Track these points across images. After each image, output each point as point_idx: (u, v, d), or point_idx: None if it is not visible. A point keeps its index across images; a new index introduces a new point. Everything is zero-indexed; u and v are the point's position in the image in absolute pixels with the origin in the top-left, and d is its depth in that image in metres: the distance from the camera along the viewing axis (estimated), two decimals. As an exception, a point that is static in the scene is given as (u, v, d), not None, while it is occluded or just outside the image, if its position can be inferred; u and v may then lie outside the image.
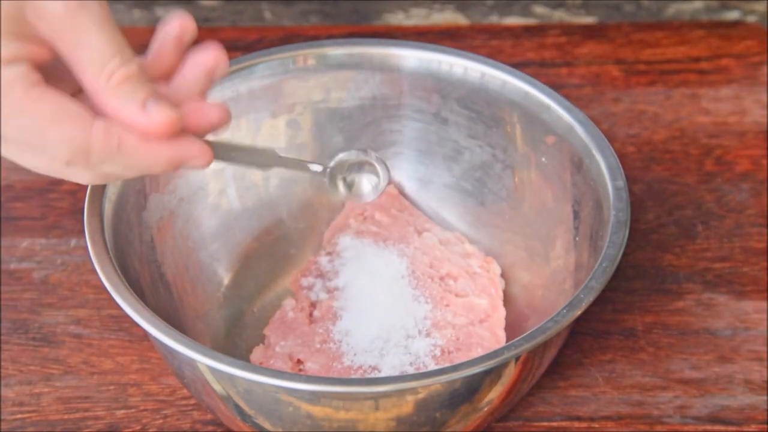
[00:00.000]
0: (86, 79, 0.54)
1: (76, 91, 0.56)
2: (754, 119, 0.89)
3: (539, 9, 0.99)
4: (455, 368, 0.59)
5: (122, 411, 0.72)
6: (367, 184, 0.67)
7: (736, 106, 0.90)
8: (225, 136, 0.74)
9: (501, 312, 0.72)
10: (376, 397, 0.60)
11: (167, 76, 0.58)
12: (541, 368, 0.67)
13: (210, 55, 0.58)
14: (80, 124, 0.54)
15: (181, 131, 0.56)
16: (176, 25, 0.58)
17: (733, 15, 1.00)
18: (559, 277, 0.73)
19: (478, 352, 0.69)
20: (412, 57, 0.76)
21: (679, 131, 0.89)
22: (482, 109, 0.76)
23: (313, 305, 0.73)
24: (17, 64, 0.53)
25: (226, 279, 0.76)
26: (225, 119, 0.58)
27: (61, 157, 0.54)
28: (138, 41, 0.96)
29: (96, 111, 0.55)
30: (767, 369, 0.73)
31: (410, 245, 0.75)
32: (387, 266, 0.73)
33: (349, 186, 0.66)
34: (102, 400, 0.72)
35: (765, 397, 0.72)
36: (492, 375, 0.61)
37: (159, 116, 0.54)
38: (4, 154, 0.55)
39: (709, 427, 0.71)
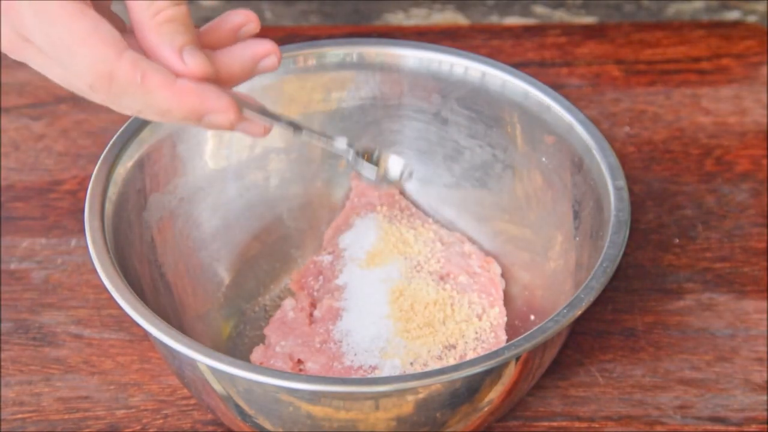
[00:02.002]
0: (134, 9, 0.54)
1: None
2: (754, 119, 0.89)
3: (539, 9, 0.99)
4: (455, 368, 0.59)
5: (122, 411, 0.72)
6: (396, 165, 0.65)
7: (736, 106, 0.90)
8: (225, 133, 0.74)
9: (501, 312, 0.72)
10: (376, 397, 0.60)
11: (213, 48, 0.58)
12: (541, 368, 0.67)
13: (265, 44, 0.58)
14: (110, 49, 0.53)
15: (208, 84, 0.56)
16: (242, 13, 0.58)
17: (733, 15, 1.00)
18: (559, 277, 0.73)
19: (479, 353, 0.69)
20: (412, 57, 0.76)
21: (679, 131, 0.89)
22: (482, 109, 0.76)
23: (313, 305, 0.73)
24: None
25: (226, 279, 0.76)
26: (273, 55, 0.58)
27: (84, 78, 0.54)
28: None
29: (136, 47, 0.55)
30: (767, 369, 0.73)
31: (410, 245, 0.75)
32: (387, 266, 0.73)
33: (375, 164, 0.65)
34: (102, 400, 0.72)
35: (765, 397, 0.72)
36: (492, 375, 0.61)
37: (192, 64, 0.54)
38: (32, 62, 0.55)
39: (709, 427, 0.71)
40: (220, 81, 0.57)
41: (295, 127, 0.61)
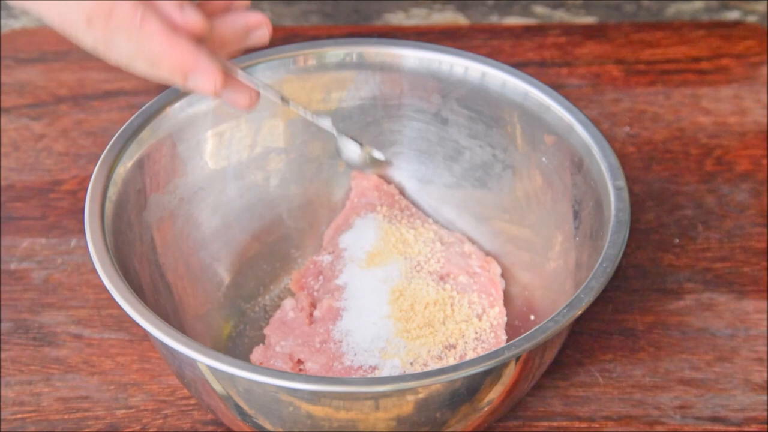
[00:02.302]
0: None
1: None
2: (754, 119, 0.89)
3: (539, 9, 0.99)
4: (455, 368, 0.59)
5: (122, 411, 0.72)
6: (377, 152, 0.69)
7: (736, 106, 0.90)
8: (225, 133, 0.74)
9: (501, 312, 0.72)
10: (376, 397, 0.60)
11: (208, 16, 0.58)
12: (542, 368, 0.67)
13: (257, 16, 0.59)
14: None
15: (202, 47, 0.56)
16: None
17: (733, 15, 1.00)
18: (559, 277, 0.73)
19: (479, 353, 0.69)
20: (412, 57, 0.76)
21: (679, 131, 0.89)
22: (482, 109, 0.76)
23: (313, 305, 0.73)
24: None
25: (226, 279, 0.76)
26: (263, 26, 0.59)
27: (85, 8, 0.53)
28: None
29: None
30: (767, 369, 0.73)
31: (410, 245, 0.75)
32: (387, 266, 0.73)
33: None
34: (102, 400, 0.72)
35: (765, 397, 0.72)
36: (492, 375, 0.61)
37: (191, 18, 0.55)
38: None
39: (709, 427, 0.71)
40: (212, 47, 0.57)
41: (282, 98, 0.62)
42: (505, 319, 0.72)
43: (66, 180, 0.85)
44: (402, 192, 0.79)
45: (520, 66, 0.77)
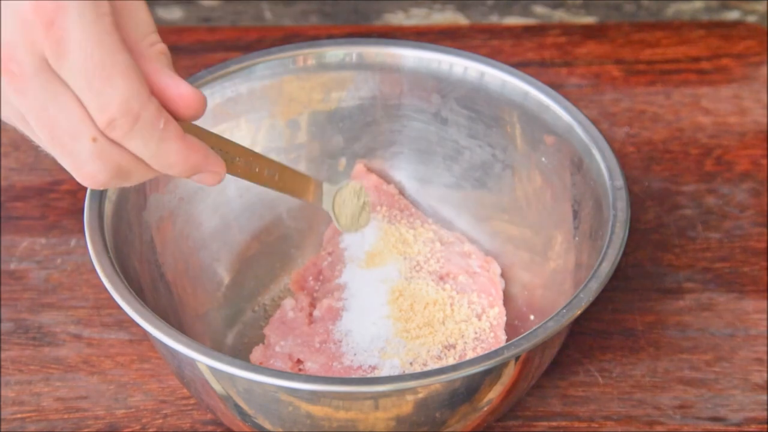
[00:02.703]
0: (131, 38, 0.54)
1: None
2: (754, 119, 0.89)
3: (539, 9, 0.99)
4: (455, 368, 0.59)
5: (122, 411, 0.72)
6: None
7: (736, 106, 0.90)
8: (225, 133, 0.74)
9: (501, 312, 0.72)
10: (376, 397, 0.60)
11: None
12: (541, 368, 0.67)
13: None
14: (144, 87, 0.53)
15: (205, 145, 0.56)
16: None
17: (733, 15, 1.00)
18: (559, 277, 0.73)
19: (478, 352, 0.69)
20: (412, 57, 0.76)
21: (679, 131, 0.89)
22: (482, 109, 0.76)
23: (313, 305, 0.73)
24: (101, 2, 0.52)
25: (226, 279, 0.76)
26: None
27: (111, 109, 0.52)
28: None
29: None
30: (767, 369, 0.73)
31: (410, 245, 0.75)
32: (387, 266, 0.73)
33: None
34: (102, 399, 0.72)
35: (764, 397, 0.72)
36: (492, 375, 0.61)
37: (192, 90, 0.55)
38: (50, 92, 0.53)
39: (709, 427, 0.71)
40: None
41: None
42: (505, 318, 0.72)
43: (66, 180, 0.85)
44: (402, 192, 0.79)
45: (520, 66, 0.77)
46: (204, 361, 0.59)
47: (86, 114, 0.53)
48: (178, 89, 0.54)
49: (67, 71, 0.52)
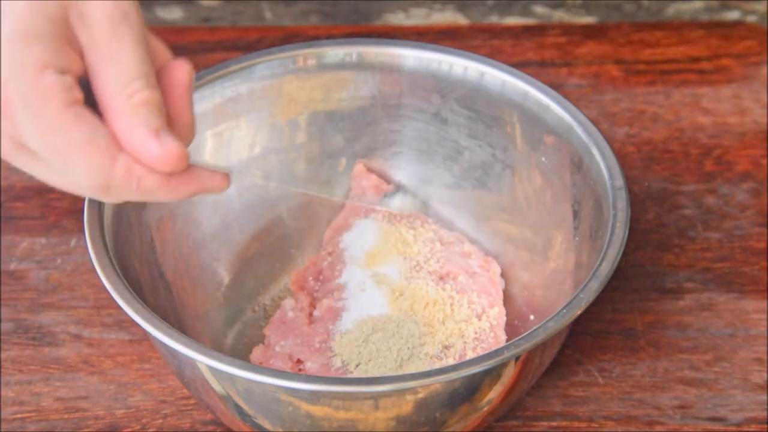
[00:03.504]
0: (106, 93, 0.52)
1: None
2: (754, 119, 0.89)
3: (539, 9, 0.99)
4: (455, 368, 0.59)
5: (122, 411, 0.72)
6: None
7: (736, 106, 0.90)
8: (225, 133, 0.74)
9: (501, 312, 0.72)
10: (375, 397, 0.60)
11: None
12: (541, 368, 0.67)
13: (184, 71, 0.56)
14: (106, 157, 0.52)
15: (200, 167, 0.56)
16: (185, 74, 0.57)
17: (733, 15, 1.00)
18: (559, 277, 0.73)
19: (478, 352, 0.69)
20: (412, 57, 0.76)
21: (679, 131, 0.89)
22: (482, 109, 0.76)
23: (313, 305, 0.73)
24: (61, 76, 0.51)
25: (226, 279, 0.76)
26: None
27: (82, 186, 0.53)
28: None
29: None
30: (767, 369, 0.73)
31: (410, 245, 0.75)
32: (387, 266, 0.73)
33: None
34: (102, 399, 0.72)
35: (764, 397, 0.72)
36: (492, 375, 0.61)
37: (171, 146, 0.53)
38: (29, 169, 0.54)
39: (709, 427, 0.71)
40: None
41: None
42: (505, 318, 0.72)
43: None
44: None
45: (520, 66, 0.76)
46: (204, 361, 0.59)
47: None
48: (149, 149, 0.53)
49: (36, 151, 0.52)
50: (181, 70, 0.56)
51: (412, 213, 0.78)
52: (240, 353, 0.73)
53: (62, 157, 0.52)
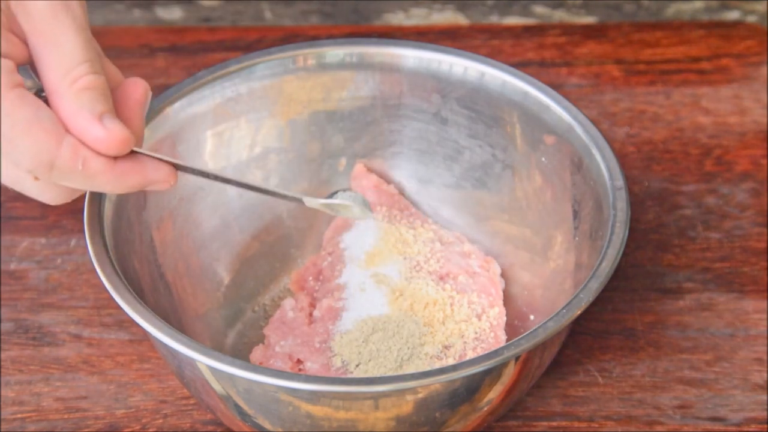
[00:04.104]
0: (50, 78, 0.53)
1: None
2: (754, 119, 0.89)
3: (539, 9, 0.99)
4: (455, 368, 0.59)
5: (122, 411, 0.72)
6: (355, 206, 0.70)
7: (736, 106, 0.90)
8: (225, 133, 0.74)
9: (501, 312, 0.72)
10: (375, 397, 0.60)
11: None
12: (541, 368, 0.67)
13: (138, 85, 0.58)
14: (51, 137, 0.53)
15: (146, 158, 0.56)
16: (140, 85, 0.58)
17: (733, 15, 1.00)
18: (559, 276, 0.73)
19: (478, 352, 0.69)
20: (412, 57, 0.76)
21: (679, 131, 0.89)
22: (482, 109, 0.76)
23: (312, 305, 0.73)
24: (2, 60, 0.52)
25: (226, 279, 0.76)
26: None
27: (25, 166, 0.54)
28: (138, 41, 0.97)
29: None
30: (767, 369, 0.73)
31: (410, 245, 0.75)
32: (387, 266, 0.73)
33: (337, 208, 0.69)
34: (102, 399, 0.72)
35: (764, 397, 0.72)
36: (492, 375, 0.61)
37: (116, 130, 0.54)
38: None
39: (709, 427, 0.71)
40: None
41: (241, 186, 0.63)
42: (505, 319, 0.72)
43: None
44: (402, 192, 0.79)
45: (520, 66, 0.77)
46: (204, 361, 0.59)
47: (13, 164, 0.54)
48: (92, 133, 0.54)
49: None
50: (136, 86, 0.57)
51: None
52: (240, 353, 0.73)
53: (7, 138, 0.53)
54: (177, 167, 0.59)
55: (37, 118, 0.53)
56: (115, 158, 0.55)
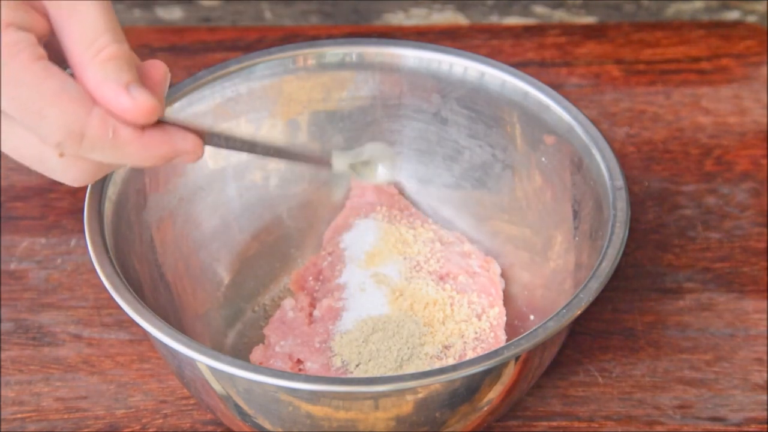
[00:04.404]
0: (74, 51, 0.53)
1: None
2: (754, 119, 0.89)
3: (539, 9, 0.99)
4: (455, 368, 0.59)
5: (122, 411, 0.72)
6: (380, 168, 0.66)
7: (736, 106, 0.90)
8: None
9: (501, 312, 0.72)
10: (375, 397, 0.60)
11: None
12: (541, 368, 0.67)
13: (160, 69, 0.57)
14: (80, 106, 0.52)
15: (173, 128, 0.56)
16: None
17: (733, 15, 1.00)
18: (559, 276, 0.73)
19: (478, 352, 0.69)
20: (412, 57, 0.76)
21: (679, 131, 0.89)
22: (482, 109, 0.76)
23: (313, 305, 0.73)
24: (24, 32, 0.52)
25: (226, 279, 0.76)
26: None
27: (54, 138, 0.53)
28: (138, 41, 0.97)
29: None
30: (767, 369, 0.73)
31: (410, 245, 0.75)
32: (387, 266, 0.73)
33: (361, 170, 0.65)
34: (102, 399, 0.72)
35: (764, 397, 0.72)
36: (492, 375, 0.61)
37: (142, 100, 0.53)
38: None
39: (709, 427, 0.71)
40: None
41: (266, 154, 0.61)
42: (505, 318, 0.72)
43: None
44: (402, 192, 0.79)
45: (520, 66, 0.77)
46: (204, 361, 0.59)
47: (40, 140, 0.54)
48: (120, 102, 0.53)
49: (6, 110, 0.52)
50: (155, 66, 0.57)
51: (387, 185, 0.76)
52: (240, 353, 0.73)
53: (35, 110, 0.52)
54: (203, 136, 0.57)
55: (63, 88, 0.52)
56: (143, 128, 0.54)
